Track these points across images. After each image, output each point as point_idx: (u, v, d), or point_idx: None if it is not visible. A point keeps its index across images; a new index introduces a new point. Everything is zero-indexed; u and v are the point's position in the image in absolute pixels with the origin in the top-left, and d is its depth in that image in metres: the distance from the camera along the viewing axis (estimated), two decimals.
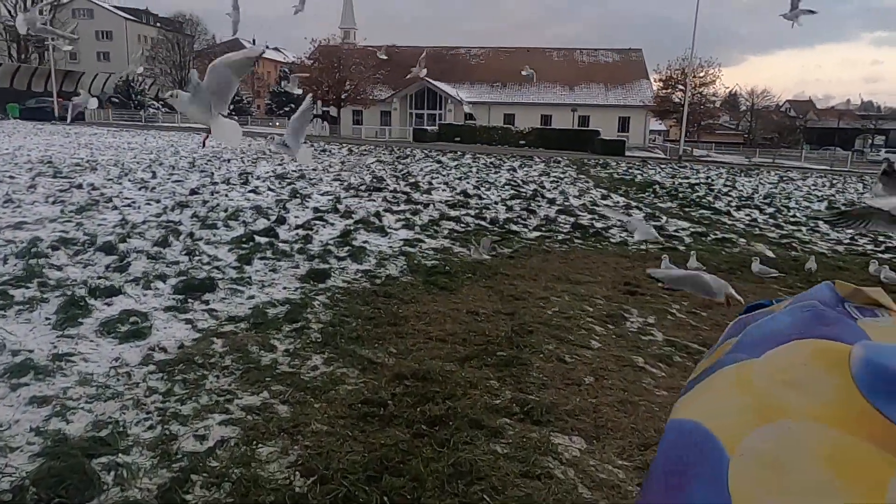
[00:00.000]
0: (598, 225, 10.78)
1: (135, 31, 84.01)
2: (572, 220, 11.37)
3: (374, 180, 16.07)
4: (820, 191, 21.64)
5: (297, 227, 8.78)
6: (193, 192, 11.89)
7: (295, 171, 17.61)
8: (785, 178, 26.24)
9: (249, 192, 12.49)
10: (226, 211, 9.65)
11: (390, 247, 7.98)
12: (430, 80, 53.29)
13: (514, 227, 10.10)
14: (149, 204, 10.09)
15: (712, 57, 51.33)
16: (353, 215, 10.09)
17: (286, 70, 66.42)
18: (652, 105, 50.26)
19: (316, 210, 10.48)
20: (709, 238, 10.19)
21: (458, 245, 8.43)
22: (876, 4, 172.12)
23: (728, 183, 22.18)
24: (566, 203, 13.78)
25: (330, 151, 27.50)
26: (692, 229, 11.05)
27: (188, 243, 6.99)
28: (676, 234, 10.48)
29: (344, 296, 5.55)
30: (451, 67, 57.66)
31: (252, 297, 5.31)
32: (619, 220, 9.91)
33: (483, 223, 10.43)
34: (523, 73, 32.24)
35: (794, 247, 9.94)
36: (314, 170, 18.38)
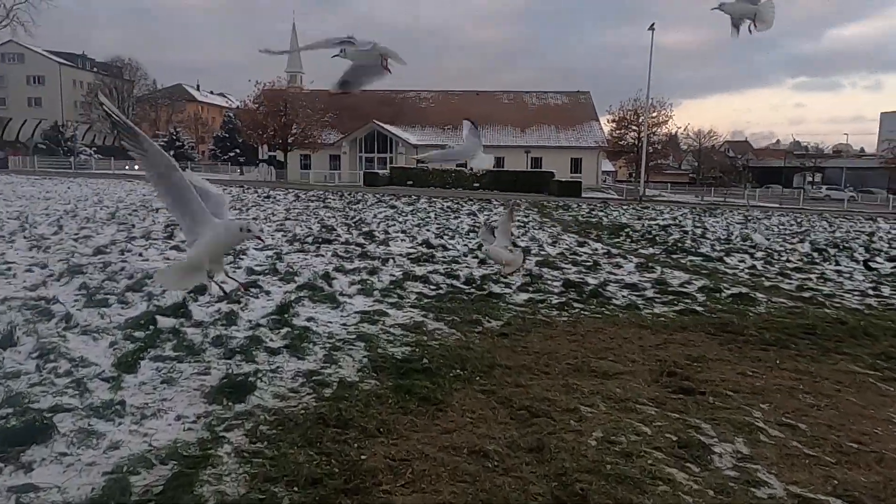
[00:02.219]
0: (592, 281, 9.09)
1: (69, 76, 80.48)
2: (558, 273, 9.68)
3: (323, 230, 14.08)
4: (789, 229, 20.81)
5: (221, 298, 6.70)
6: (99, 251, 9.66)
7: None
8: (751, 218, 25.56)
9: (171, 248, 10.33)
10: (130, 278, 7.50)
11: (344, 325, 6.01)
12: (380, 123, 52.22)
13: (496, 289, 8.27)
14: (28, 271, 7.82)
15: (664, 97, 52.05)
16: (297, 278, 8.10)
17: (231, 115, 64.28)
18: (606, 146, 50.36)
19: (250, 271, 8.44)
20: (723, 294, 8.58)
21: (432, 317, 6.53)
22: (796, 52, 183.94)
23: (698, 224, 21.18)
24: (542, 252, 12.16)
25: (275, 198, 25.43)
26: (697, 282, 9.46)
27: (50, 337, 4.83)
28: (684, 289, 8.86)
29: (273, 429, 3.53)
30: (400, 111, 57.07)
31: (116, 445, 3.20)
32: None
33: (456, 283, 8.58)
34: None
35: (823, 302, 8.45)
36: (255, 219, 16.27)
